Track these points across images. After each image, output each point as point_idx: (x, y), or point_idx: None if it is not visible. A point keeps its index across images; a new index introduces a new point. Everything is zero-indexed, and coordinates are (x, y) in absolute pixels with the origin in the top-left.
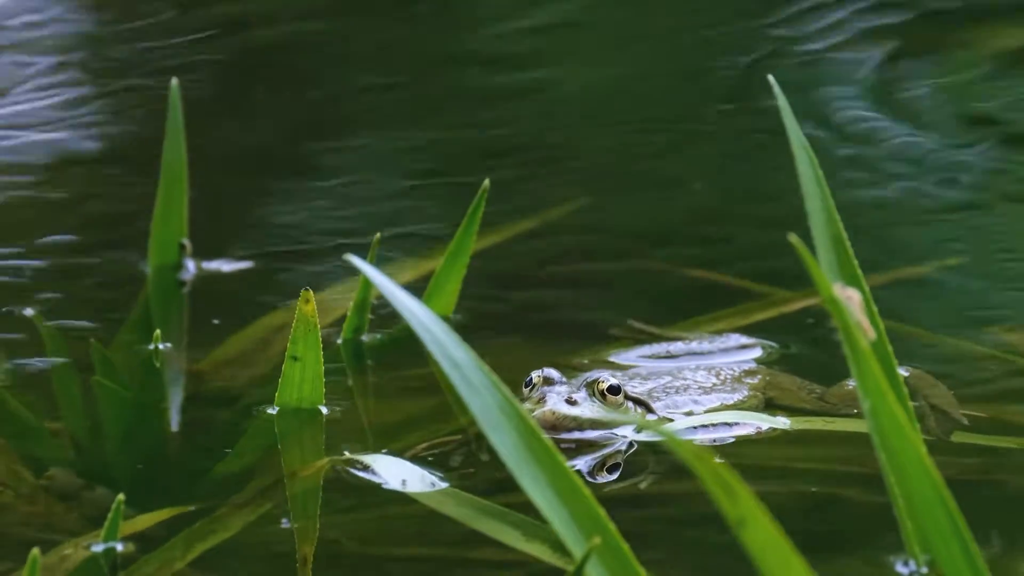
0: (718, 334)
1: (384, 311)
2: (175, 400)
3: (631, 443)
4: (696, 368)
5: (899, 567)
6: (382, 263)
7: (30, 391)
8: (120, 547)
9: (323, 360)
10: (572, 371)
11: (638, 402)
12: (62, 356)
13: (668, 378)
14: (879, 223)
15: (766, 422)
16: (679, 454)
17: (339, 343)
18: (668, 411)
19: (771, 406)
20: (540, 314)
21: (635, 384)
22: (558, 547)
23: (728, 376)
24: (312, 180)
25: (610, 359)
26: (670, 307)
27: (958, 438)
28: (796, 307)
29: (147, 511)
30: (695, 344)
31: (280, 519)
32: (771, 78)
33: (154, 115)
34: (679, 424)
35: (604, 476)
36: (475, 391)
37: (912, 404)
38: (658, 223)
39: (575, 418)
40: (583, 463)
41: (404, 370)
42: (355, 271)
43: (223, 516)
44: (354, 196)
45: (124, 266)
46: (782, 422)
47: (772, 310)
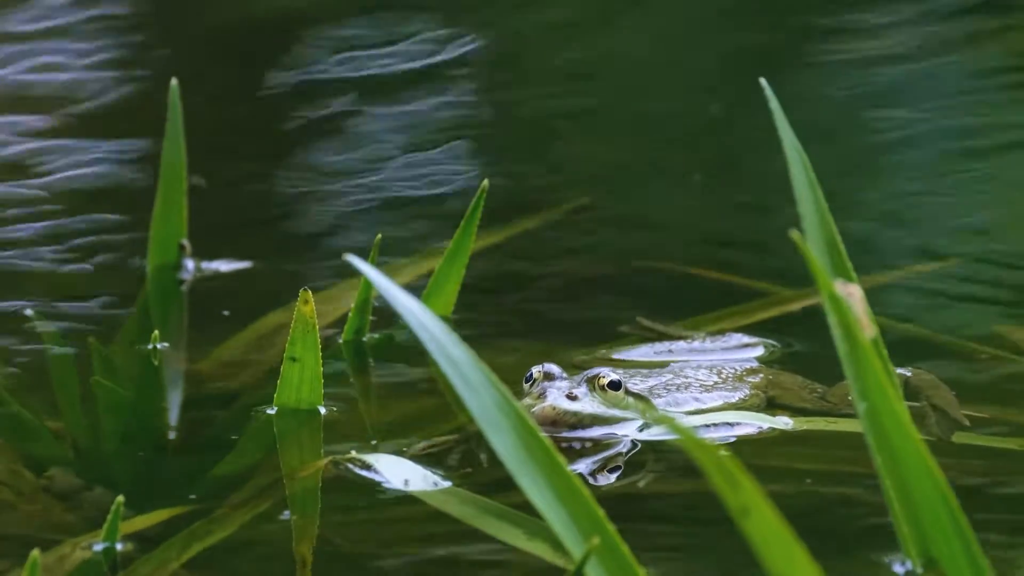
0: (720, 333)
1: (385, 311)
2: (174, 400)
3: (632, 443)
4: (698, 366)
5: (896, 567)
6: (382, 264)
7: (30, 391)
8: (120, 547)
9: (323, 360)
10: (572, 369)
11: (639, 398)
12: (62, 356)
13: (670, 375)
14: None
15: (767, 422)
16: (682, 442)
17: (340, 343)
18: (669, 408)
19: (773, 405)
20: (539, 314)
21: (636, 381)
22: (560, 546)
23: (730, 374)
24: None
25: (612, 356)
26: (671, 307)
27: (959, 439)
28: (798, 306)
29: (146, 511)
30: (697, 343)
31: (279, 519)
32: (763, 81)
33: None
34: (680, 421)
35: (604, 476)
36: (474, 391)
37: (913, 404)
38: (660, 220)
39: (575, 413)
40: (584, 465)
41: (405, 370)
42: (355, 271)
43: (222, 516)
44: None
45: (124, 266)
46: (784, 421)
47: (774, 309)
